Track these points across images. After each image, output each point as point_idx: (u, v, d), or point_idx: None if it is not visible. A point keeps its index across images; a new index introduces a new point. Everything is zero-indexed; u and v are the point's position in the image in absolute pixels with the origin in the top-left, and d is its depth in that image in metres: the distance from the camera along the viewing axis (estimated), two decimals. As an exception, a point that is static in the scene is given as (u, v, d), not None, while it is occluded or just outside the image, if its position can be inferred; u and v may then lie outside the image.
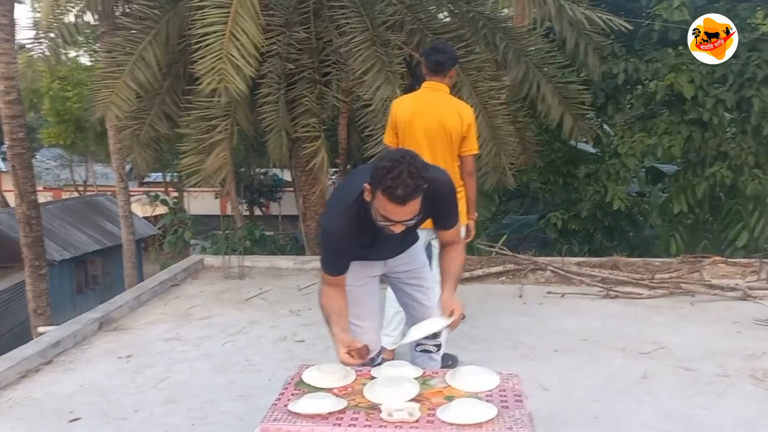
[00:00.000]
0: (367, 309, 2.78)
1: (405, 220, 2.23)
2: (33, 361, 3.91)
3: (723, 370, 3.86)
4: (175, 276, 6.13)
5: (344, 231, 2.42)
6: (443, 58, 3.71)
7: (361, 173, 2.48)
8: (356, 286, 2.72)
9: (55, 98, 17.64)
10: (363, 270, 2.73)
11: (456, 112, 3.63)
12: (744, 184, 7.35)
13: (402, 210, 2.18)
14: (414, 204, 2.18)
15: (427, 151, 3.57)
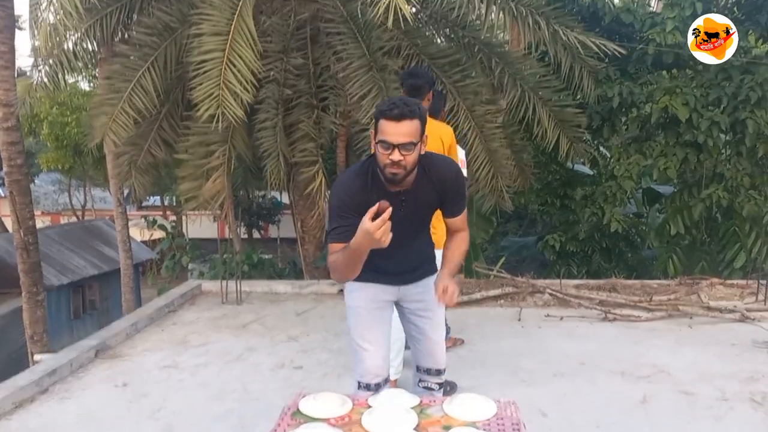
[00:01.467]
0: (376, 333, 2.74)
1: (402, 143, 2.29)
2: (28, 390, 3.88)
3: (722, 393, 3.84)
4: (173, 302, 6.11)
5: (351, 189, 2.45)
6: (420, 81, 3.77)
7: None
8: (369, 309, 2.72)
9: (53, 123, 17.71)
10: (377, 293, 2.73)
11: (437, 135, 3.67)
12: (740, 205, 7.38)
13: (398, 128, 2.28)
14: (409, 125, 2.28)
15: None
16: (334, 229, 2.48)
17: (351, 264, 2.39)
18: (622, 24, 7.81)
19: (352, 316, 2.79)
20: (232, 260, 8.29)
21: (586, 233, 8.91)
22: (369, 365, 2.72)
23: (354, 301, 2.76)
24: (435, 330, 2.83)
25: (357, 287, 2.74)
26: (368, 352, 2.72)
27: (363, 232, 2.20)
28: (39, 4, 6.88)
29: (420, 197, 2.51)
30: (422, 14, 7.43)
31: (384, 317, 2.77)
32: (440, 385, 2.88)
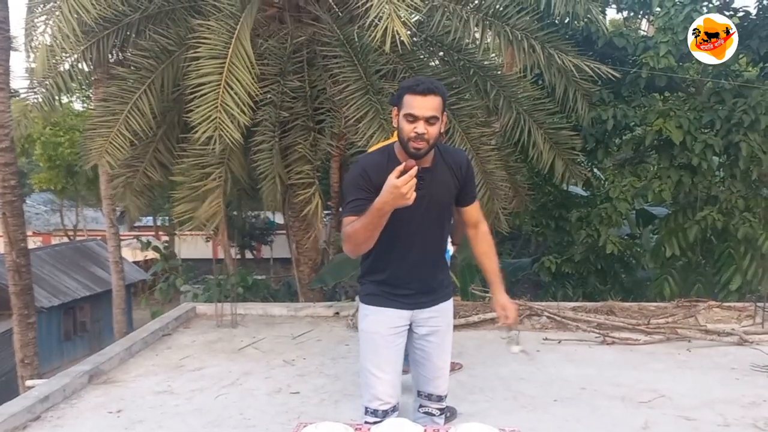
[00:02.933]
0: (387, 360, 2.71)
1: (428, 116, 2.40)
2: (20, 418, 3.80)
3: (723, 419, 3.81)
4: (167, 325, 6.04)
5: (369, 164, 2.54)
6: None
7: None
8: (384, 336, 2.70)
9: (46, 143, 17.68)
10: (393, 319, 2.70)
11: None
12: (735, 227, 7.41)
13: (424, 102, 2.41)
14: (433, 100, 2.41)
15: None
16: (351, 201, 2.51)
17: (371, 228, 2.37)
18: (615, 48, 7.90)
19: (366, 342, 2.74)
20: (227, 282, 8.25)
21: (581, 255, 8.92)
22: (380, 392, 2.69)
23: (369, 326, 2.72)
24: (441, 356, 2.80)
25: (373, 311, 2.72)
26: (380, 380, 2.69)
27: (389, 187, 2.24)
28: (35, 26, 6.89)
29: (438, 177, 2.58)
30: (418, 38, 7.49)
31: (400, 345, 2.74)
32: (441, 411, 2.84)
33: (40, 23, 6.27)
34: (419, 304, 2.73)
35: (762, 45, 7.44)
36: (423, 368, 2.80)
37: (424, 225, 2.62)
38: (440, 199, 2.63)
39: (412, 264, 2.67)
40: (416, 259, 2.67)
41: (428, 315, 2.75)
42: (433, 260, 2.74)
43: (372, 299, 2.72)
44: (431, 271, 2.74)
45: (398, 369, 2.74)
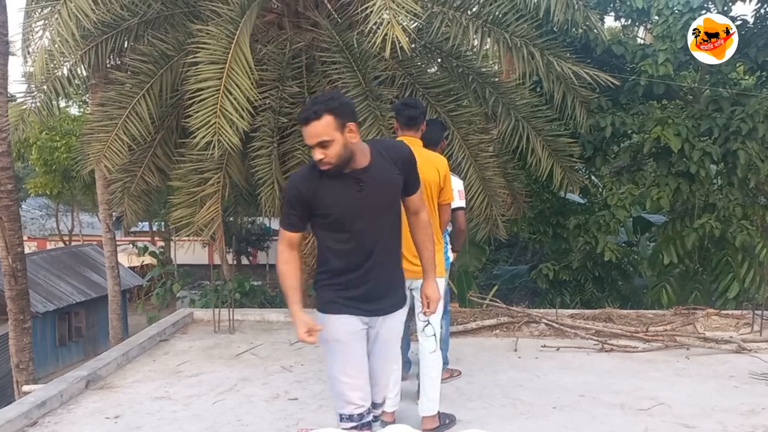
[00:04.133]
0: (355, 365, 2.75)
1: (313, 143, 2.52)
2: (17, 423, 3.77)
3: (723, 427, 3.81)
4: (164, 330, 6.02)
5: (297, 181, 2.67)
6: (416, 112, 3.80)
7: None
8: (344, 342, 2.72)
9: (43, 148, 17.60)
10: (352, 323, 2.73)
11: (433, 165, 3.70)
12: (732, 235, 7.42)
13: (308, 131, 2.51)
14: (316, 125, 2.48)
15: None
16: (284, 217, 2.72)
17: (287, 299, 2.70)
18: (614, 55, 7.93)
19: (329, 351, 2.77)
20: (224, 288, 8.22)
21: (579, 262, 8.92)
22: (351, 397, 2.71)
23: (330, 335, 2.72)
24: (386, 362, 2.83)
25: (333, 319, 2.72)
26: (349, 385, 2.71)
27: (299, 323, 2.61)
28: (33, 31, 6.87)
29: (379, 175, 2.64)
30: (416, 44, 7.50)
31: (363, 348, 2.78)
32: (376, 417, 2.86)
33: (39, 27, 6.26)
34: (377, 311, 2.76)
35: (760, 54, 7.47)
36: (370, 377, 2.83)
37: (375, 225, 2.67)
38: (384, 196, 2.68)
39: (368, 266, 2.70)
40: (372, 261, 2.69)
41: (389, 323, 2.81)
42: (389, 259, 2.77)
43: (329, 306, 2.74)
44: (389, 271, 2.77)
45: (365, 373, 2.78)
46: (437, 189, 3.69)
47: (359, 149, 2.59)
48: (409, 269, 3.66)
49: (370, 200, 2.61)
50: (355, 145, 2.55)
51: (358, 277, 2.69)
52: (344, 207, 2.61)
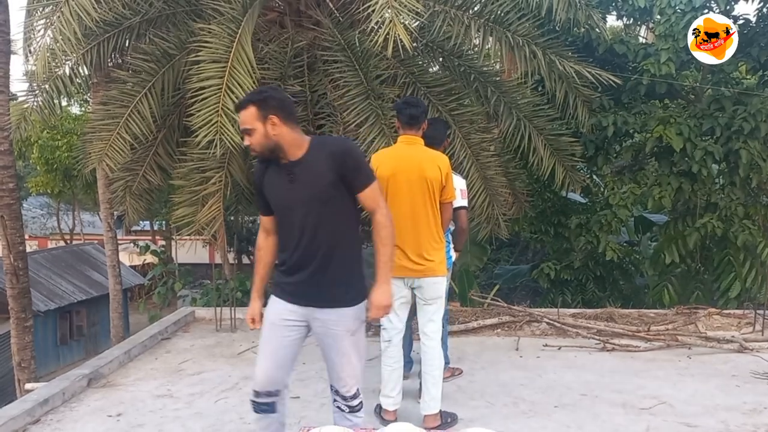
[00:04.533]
0: (267, 350, 2.86)
1: (242, 129, 2.74)
2: (20, 421, 3.78)
3: (725, 426, 3.81)
4: (166, 329, 6.03)
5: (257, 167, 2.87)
6: (417, 111, 3.80)
7: None
8: (271, 323, 2.85)
9: (44, 147, 17.59)
10: (281, 311, 2.83)
11: (434, 163, 3.71)
12: (734, 234, 7.41)
13: (239, 118, 2.75)
14: (243, 114, 2.70)
15: (409, 203, 3.65)
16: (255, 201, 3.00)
17: None
18: (616, 54, 7.92)
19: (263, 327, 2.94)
20: (225, 287, 8.22)
21: (580, 261, 8.92)
22: (257, 374, 2.88)
23: (266, 313, 2.92)
24: (340, 358, 2.84)
25: (270, 301, 2.93)
26: (258, 365, 2.88)
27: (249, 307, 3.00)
28: (34, 29, 6.87)
29: (310, 168, 2.71)
30: (418, 43, 7.49)
31: (287, 338, 2.84)
32: (351, 408, 2.87)
33: (40, 26, 6.25)
34: (310, 301, 2.79)
35: (762, 53, 7.45)
36: (327, 362, 2.90)
37: (305, 217, 2.73)
38: (313, 189, 2.71)
39: (301, 255, 2.77)
40: (305, 250, 2.76)
41: (324, 317, 2.79)
42: (327, 255, 2.75)
43: (273, 288, 2.92)
44: (324, 267, 2.76)
45: (279, 361, 2.85)
46: (439, 187, 3.70)
47: (291, 142, 2.70)
48: (410, 267, 3.67)
49: (299, 192, 2.72)
50: (282, 137, 2.68)
51: (290, 266, 2.82)
52: (278, 196, 2.81)
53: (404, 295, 3.78)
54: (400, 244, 3.66)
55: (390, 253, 2.79)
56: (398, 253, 3.67)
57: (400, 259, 3.66)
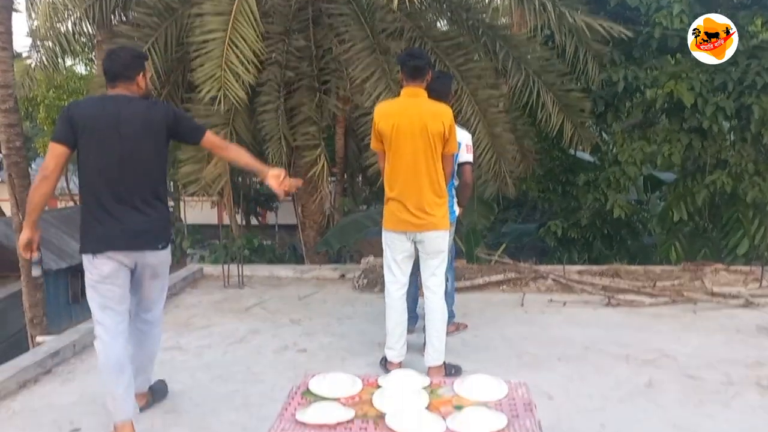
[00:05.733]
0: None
1: None
2: (31, 371, 3.85)
3: (728, 378, 3.83)
4: (174, 285, 6.07)
5: None
6: (421, 63, 3.74)
7: None
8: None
9: (50, 107, 17.53)
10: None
11: (437, 116, 3.65)
12: (744, 191, 7.35)
13: None
14: None
15: (411, 156, 3.61)
16: None
17: None
18: (628, 7, 7.73)
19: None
20: (233, 245, 8.27)
21: (587, 219, 8.88)
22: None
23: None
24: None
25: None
26: None
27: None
28: (37, -16, 6.79)
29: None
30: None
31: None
32: None
33: (42, -20, 6.18)
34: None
35: (778, 6, 7.27)
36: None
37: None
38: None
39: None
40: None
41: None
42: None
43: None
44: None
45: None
46: (441, 140, 3.65)
47: None
48: (412, 221, 3.65)
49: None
50: None
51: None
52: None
53: (406, 249, 3.79)
54: (401, 197, 3.65)
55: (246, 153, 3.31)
56: (399, 206, 3.66)
57: (401, 213, 3.66)
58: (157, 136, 3.02)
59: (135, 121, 2.96)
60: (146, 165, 3.01)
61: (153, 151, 3.03)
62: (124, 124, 2.93)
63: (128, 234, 2.94)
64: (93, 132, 2.92)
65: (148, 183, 3.02)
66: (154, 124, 3.01)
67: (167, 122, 3.04)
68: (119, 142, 2.93)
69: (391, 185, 3.71)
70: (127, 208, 2.95)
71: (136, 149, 2.96)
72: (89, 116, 2.94)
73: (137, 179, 2.98)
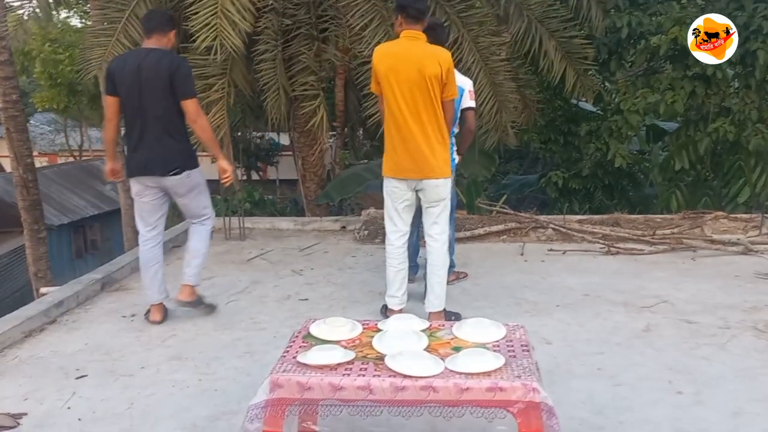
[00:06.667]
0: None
1: None
2: (36, 321, 3.91)
3: (724, 322, 3.88)
4: (176, 237, 6.10)
5: None
6: (423, 5, 3.67)
7: None
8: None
9: (46, 61, 17.33)
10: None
11: (435, 59, 3.58)
12: (747, 139, 7.29)
13: None
14: None
15: (410, 99, 3.56)
16: None
17: None
18: (633, -49, 7.54)
19: None
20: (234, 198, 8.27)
21: (589, 170, 8.85)
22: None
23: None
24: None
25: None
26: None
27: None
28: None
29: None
30: (426, -60, 7.13)
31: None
32: None
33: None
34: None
35: (788, -53, 7.05)
36: None
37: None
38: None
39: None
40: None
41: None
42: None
43: None
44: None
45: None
46: (438, 83, 3.58)
47: None
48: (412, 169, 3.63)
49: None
50: None
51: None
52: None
53: (408, 198, 3.78)
54: (402, 143, 3.62)
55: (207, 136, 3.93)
56: (400, 152, 3.63)
57: (402, 160, 3.63)
58: (165, 82, 3.59)
59: (150, 69, 3.60)
60: (157, 106, 3.63)
61: (162, 95, 3.61)
62: (143, 71, 3.60)
63: (145, 163, 3.73)
64: (123, 81, 3.65)
65: (159, 121, 3.66)
66: (162, 71, 3.59)
67: (170, 71, 3.60)
68: (139, 87, 3.61)
69: (391, 131, 3.67)
70: (146, 142, 3.69)
71: (150, 93, 3.61)
72: (119, 69, 3.69)
73: (151, 118, 3.65)
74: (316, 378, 2.05)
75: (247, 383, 3.05)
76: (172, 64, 3.62)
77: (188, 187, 3.83)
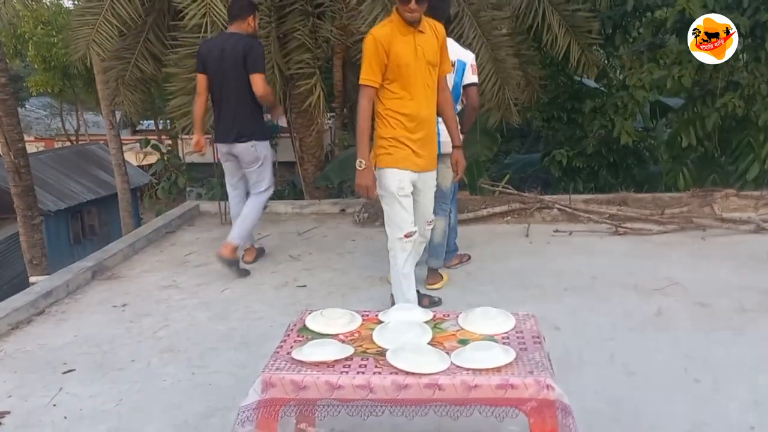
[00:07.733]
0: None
1: None
2: (24, 312, 3.76)
3: (740, 304, 3.72)
4: (171, 223, 5.95)
5: None
6: None
7: None
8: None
9: (39, 44, 17.05)
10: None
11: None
12: (756, 114, 7.07)
13: None
14: None
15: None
16: None
17: None
18: None
19: None
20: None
21: (593, 148, 8.64)
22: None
23: None
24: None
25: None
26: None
27: None
28: None
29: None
30: None
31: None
32: None
33: None
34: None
35: None
36: None
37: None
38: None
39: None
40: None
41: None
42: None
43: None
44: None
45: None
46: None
47: None
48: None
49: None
50: None
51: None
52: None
53: None
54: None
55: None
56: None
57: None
58: (240, 63, 4.20)
59: (229, 52, 4.23)
60: (234, 83, 4.25)
61: (238, 75, 4.22)
62: (224, 54, 4.24)
63: (224, 132, 4.40)
64: (208, 62, 4.31)
65: (235, 97, 4.28)
66: (237, 54, 4.20)
67: (244, 52, 4.20)
68: (221, 68, 4.26)
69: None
70: (224, 114, 4.35)
71: (228, 72, 4.25)
72: (206, 51, 4.35)
73: (229, 94, 4.29)
74: (312, 376, 1.89)
75: (242, 377, 2.90)
76: (245, 47, 4.20)
77: (253, 156, 4.38)
